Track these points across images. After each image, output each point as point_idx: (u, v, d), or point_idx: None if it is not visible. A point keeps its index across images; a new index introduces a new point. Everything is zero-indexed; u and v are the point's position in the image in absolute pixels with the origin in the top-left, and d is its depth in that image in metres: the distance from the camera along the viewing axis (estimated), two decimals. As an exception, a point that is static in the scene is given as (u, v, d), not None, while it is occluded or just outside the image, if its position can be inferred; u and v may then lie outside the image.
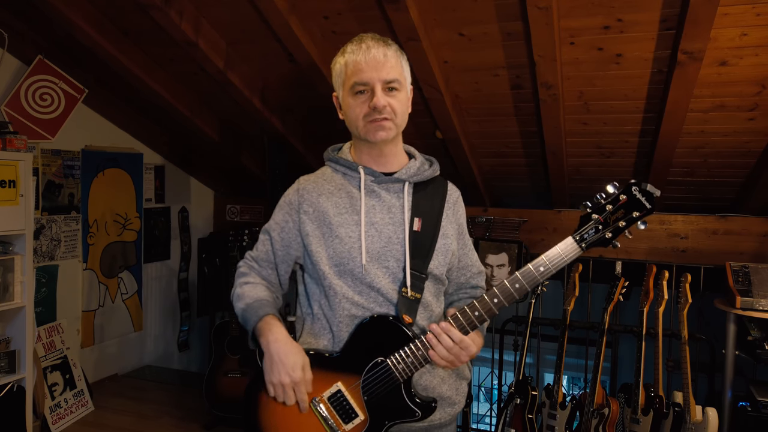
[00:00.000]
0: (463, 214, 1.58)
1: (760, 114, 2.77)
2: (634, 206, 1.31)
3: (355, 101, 1.41)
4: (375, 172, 1.47)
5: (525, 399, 3.16)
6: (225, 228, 4.75)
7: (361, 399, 1.39)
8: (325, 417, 1.40)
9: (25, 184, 2.96)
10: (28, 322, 3.02)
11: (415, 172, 1.49)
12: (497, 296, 1.34)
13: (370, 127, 1.41)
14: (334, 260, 1.43)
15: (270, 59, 3.08)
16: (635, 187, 1.31)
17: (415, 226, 1.44)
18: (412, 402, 1.38)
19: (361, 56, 1.39)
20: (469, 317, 1.35)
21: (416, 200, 1.47)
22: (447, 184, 1.56)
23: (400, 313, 1.39)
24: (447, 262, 1.48)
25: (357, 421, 1.39)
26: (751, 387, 3.07)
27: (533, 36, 2.45)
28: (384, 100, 1.39)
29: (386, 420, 1.39)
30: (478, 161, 3.63)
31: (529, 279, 1.33)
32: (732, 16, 2.27)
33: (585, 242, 1.32)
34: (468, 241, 1.59)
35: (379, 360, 1.38)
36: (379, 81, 1.38)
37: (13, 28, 3.20)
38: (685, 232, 3.59)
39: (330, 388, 1.41)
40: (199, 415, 3.71)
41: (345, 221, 1.44)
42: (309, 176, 1.56)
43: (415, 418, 1.38)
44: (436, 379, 1.46)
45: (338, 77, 1.45)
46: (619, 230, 1.32)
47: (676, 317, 3.05)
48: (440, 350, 1.34)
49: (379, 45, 1.40)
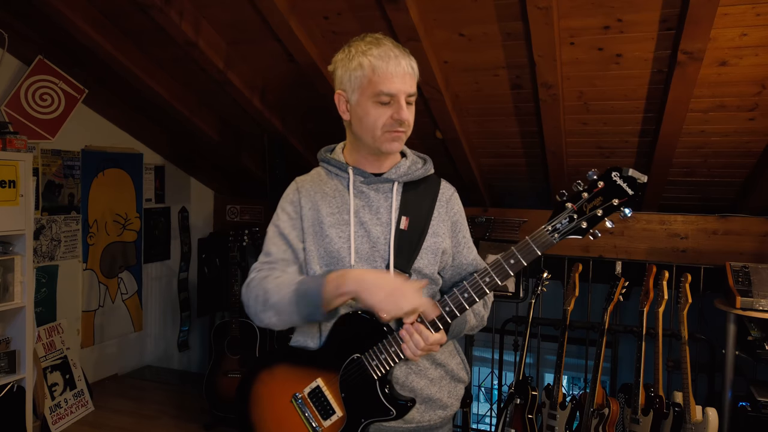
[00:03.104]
0: (458, 212, 1.54)
1: (760, 114, 2.77)
2: (613, 193, 1.21)
3: (377, 110, 1.38)
4: (365, 173, 1.47)
5: (525, 399, 3.16)
6: (225, 228, 4.75)
7: (339, 395, 1.39)
8: (305, 413, 1.41)
9: (25, 184, 2.96)
10: (28, 322, 3.02)
11: (405, 172, 1.48)
12: (468, 291, 1.32)
13: (388, 137, 1.40)
14: (325, 260, 1.43)
15: (270, 59, 3.08)
16: (615, 172, 1.22)
17: (402, 225, 1.44)
18: (386, 400, 1.37)
19: (392, 67, 1.36)
20: (440, 313, 1.33)
21: (405, 199, 1.47)
22: (440, 182, 1.55)
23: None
24: (437, 261, 1.46)
25: (335, 418, 1.39)
26: (751, 387, 3.07)
27: (533, 36, 2.45)
28: (407, 113, 1.39)
29: (362, 418, 1.38)
30: (478, 161, 3.63)
31: (500, 272, 1.30)
32: (732, 16, 2.27)
33: (558, 232, 1.26)
34: (465, 240, 1.54)
35: (355, 356, 1.38)
36: (404, 94, 1.38)
37: (13, 28, 3.20)
38: (685, 232, 3.59)
39: (310, 383, 1.42)
40: (199, 415, 3.71)
41: (336, 221, 1.44)
42: (304, 176, 1.56)
43: (390, 416, 1.37)
44: (424, 380, 1.45)
45: (356, 79, 1.39)
46: (596, 219, 1.23)
47: (676, 317, 3.05)
48: (411, 347, 1.32)
49: (405, 55, 1.39)
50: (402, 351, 1.33)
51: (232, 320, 3.70)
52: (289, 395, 1.43)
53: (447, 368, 1.49)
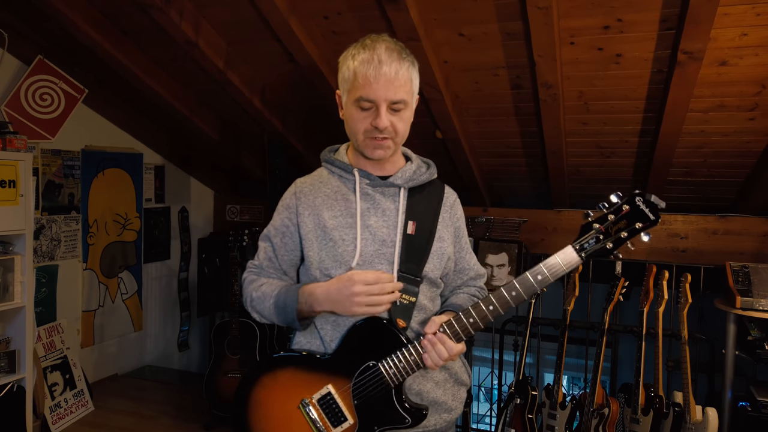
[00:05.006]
0: (460, 217, 1.55)
1: (760, 114, 2.77)
2: (637, 217, 1.27)
3: (358, 115, 1.37)
4: (370, 175, 1.46)
5: (525, 399, 3.15)
6: (225, 228, 4.75)
7: (351, 402, 1.37)
8: (313, 419, 1.38)
9: (25, 184, 2.96)
10: (28, 322, 3.02)
11: (411, 176, 1.48)
12: (493, 303, 1.32)
13: (369, 143, 1.39)
14: (327, 263, 1.42)
15: (270, 59, 3.08)
16: (639, 197, 1.26)
17: (409, 230, 1.43)
18: (402, 408, 1.36)
19: (372, 71, 1.33)
20: (464, 324, 1.33)
21: (411, 204, 1.46)
22: (444, 187, 1.54)
23: (393, 317, 1.37)
24: (442, 266, 1.46)
25: (346, 425, 1.37)
26: (751, 387, 3.08)
27: (533, 36, 2.45)
28: (387, 120, 1.35)
29: (375, 425, 1.36)
30: (478, 161, 3.63)
31: (526, 287, 1.31)
32: (732, 16, 2.27)
33: (585, 252, 1.29)
34: (465, 244, 1.56)
35: (370, 363, 1.36)
36: (385, 101, 1.34)
37: (13, 28, 3.20)
38: (685, 232, 3.59)
39: (320, 390, 1.39)
40: (199, 415, 3.71)
41: (340, 224, 1.43)
42: (305, 178, 1.54)
43: (404, 424, 1.36)
44: (429, 383, 1.44)
45: (344, 82, 1.40)
46: (621, 241, 1.28)
47: (676, 317, 3.05)
48: (434, 357, 1.32)
49: (391, 60, 1.33)
50: (423, 360, 1.33)
51: (232, 320, 3.70)
52: (296, 401, 1.40)
53: (451, 371, 1.49)
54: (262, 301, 1.45)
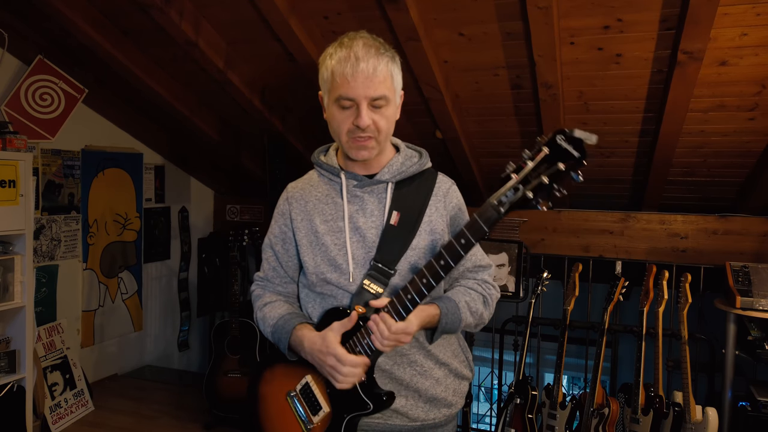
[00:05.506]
0: (458, 205, 1.49)
1: (760, 114, 2.77)
2: (558, 157, 1.11)
3: (340, 114, 1.35)
4: (357, 176, 1.44)
5: (525, 399, 3.15)
6: (225, 228, 4.76)
7: (326, 391, 1.40)
8: (298, 410, 1.43)
9: (25, 184, 2.96)
10: (28, 322, 3.02)
11: (398, 170, 1.45)
12: (426, 276, 1.27)
13: (353, 144, 1.37)
14: (322, 268, 1.42)
15: (270, 59, 3.08)
16: (560, 135, 1.11)
17: (393, 220, 1.40)
18: (364, 393, 1.35)
19: (349, 69, 1.30)
20: (403, 301, 1.28)
21: (398, 196, 1.43)
22: (437, 175, 1.50)
23: (352, 304, 1.37)
24: (428, 257, 1.40)
25: (322, 414, 1.40)
26: (751, 387, 3.07)
27: (533, 36, 2.45)
28: (368, 119, 1.32)
29: (344, 413, 1.37)
30: (478, 161, 3.63)
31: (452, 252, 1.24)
32: (732, 16, 2.27)
33: (503, 205, 1.17)
34: None
35: None
36: (365, 98, 1.31)
37: (13, 28, 3.20)
38: (685, 232, 3.59)
39: (300, 380, 1.43)
40: (199, 415, 3.71)
41: (331, 228, 1.43)
42: (296, 182, 1.55)
43: (367, 410, 1.35)
44: (429, 381, 1.44)
45: (324, 83, 1.38)
46: (543, 187, 1.13)
47: (676, 317, 3.05)
48: (378, 337, 1.29)
49: (369, 56, 1.30)
50: (372, 342, 1.31)
51: (232, 320, 3.70)
52: (284, 393, 1.45)
53: (450, 367, 1.49)
54: (263, 323, 1.51)
